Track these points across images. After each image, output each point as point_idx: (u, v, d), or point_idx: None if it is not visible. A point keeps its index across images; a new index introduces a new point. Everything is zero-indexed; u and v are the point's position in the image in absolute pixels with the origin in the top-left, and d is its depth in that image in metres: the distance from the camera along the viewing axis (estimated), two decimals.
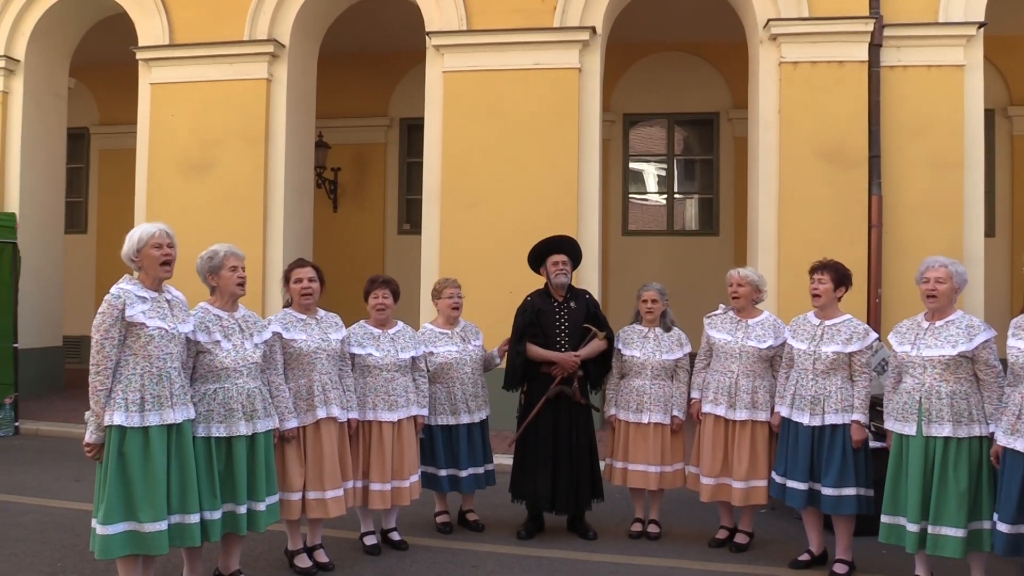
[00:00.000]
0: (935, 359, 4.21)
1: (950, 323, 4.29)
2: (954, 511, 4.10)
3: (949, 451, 4.16)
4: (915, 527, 4.19)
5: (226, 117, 9.41)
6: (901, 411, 4.31)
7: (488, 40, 8.95)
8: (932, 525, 4.16)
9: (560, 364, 5.37)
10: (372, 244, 12.76)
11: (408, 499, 5.10)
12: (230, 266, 4.24)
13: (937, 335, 4.28)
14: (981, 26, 8.33)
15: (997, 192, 11.31)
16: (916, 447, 4.22)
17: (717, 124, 12.27)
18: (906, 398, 4.30)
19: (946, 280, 4.29)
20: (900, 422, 4.31)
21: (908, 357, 4.32)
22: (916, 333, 4.37)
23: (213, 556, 4.51)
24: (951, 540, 4.11)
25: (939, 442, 4.17)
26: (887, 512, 4.35)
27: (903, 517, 4.27)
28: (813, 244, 7.70)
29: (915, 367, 4.29)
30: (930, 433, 4.18)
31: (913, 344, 4.33)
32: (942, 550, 4.14)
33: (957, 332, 4.24)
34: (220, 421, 4.09)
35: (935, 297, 4.30)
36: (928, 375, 4.23)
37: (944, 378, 4.20)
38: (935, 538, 4.15)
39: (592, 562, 4.99)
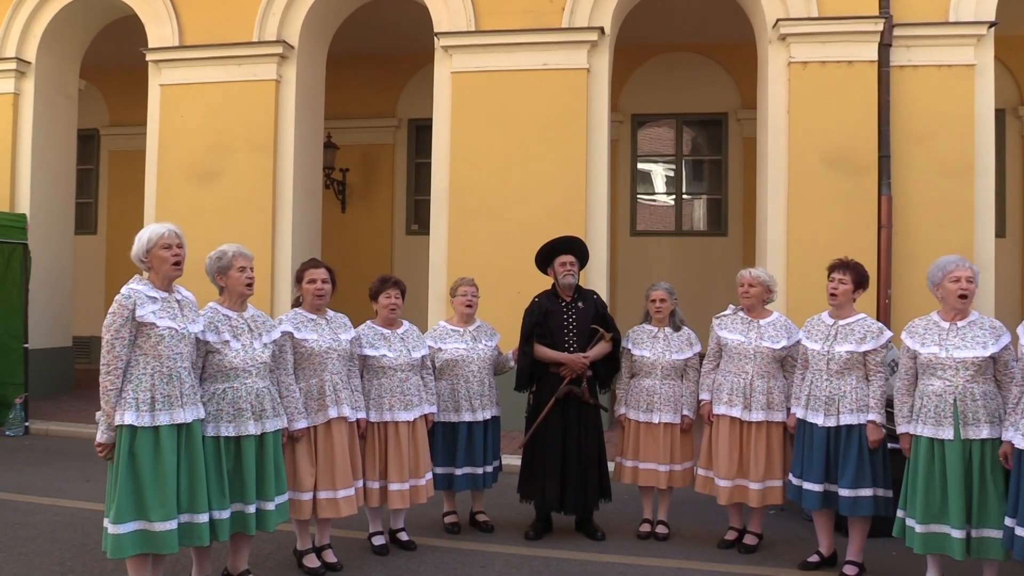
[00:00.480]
0: (968, 361, 4.15)
1: (973, 324, 4.24)
2: (996, 512, 4.05)
3: (986, 453, 4.11)
4: (960, 533, 4.10)
5: (235, 118, 9.44)
6: (934, 415, 4.20)
7: (496, 41, 8.95)
8: (976, 529, 4.10)
9: (569, 365, 5.37)
10: (380, 245, 12.79)
11: (425, 497, 5.13)
12: (238, 266, 4.25)
13: (963, 336, 4.22)
14: (992, 25, 8.29)
15: (1008, 193, 11.25)
16: (953, 451, 4.13)
17: (726, 124, 12.24)
18: (937, 401, 4.20)
19: (975, 279, 4.25)
20: (934, 427, 4.19)
21: (937, 359, 4.23)
22: (938, 334, 4.30)
23: (222, 556, 4.52)
24: (996, 542, 4.06)
25: (976, 445, 4.11)
26: (923, 522, 4.22)
27: (945, 525, 4.16)
28: (822, 245, 7.68)
29: (946, 369, 4.20)
30: (967, 436, 4.12)
31: (940, 345, 4.25)
32: (987, 552, 4.09)
33: (983, 333, 4.19)
34: (229, 421, 4.10)
35: (967, 297, 4.24)
36: (961, 377, 4.16)
37: (976, 379, 4.15)
38: (979, 541, 4.09)
39: (601, 563, 4.98)
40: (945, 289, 4.28)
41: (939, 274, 4.32)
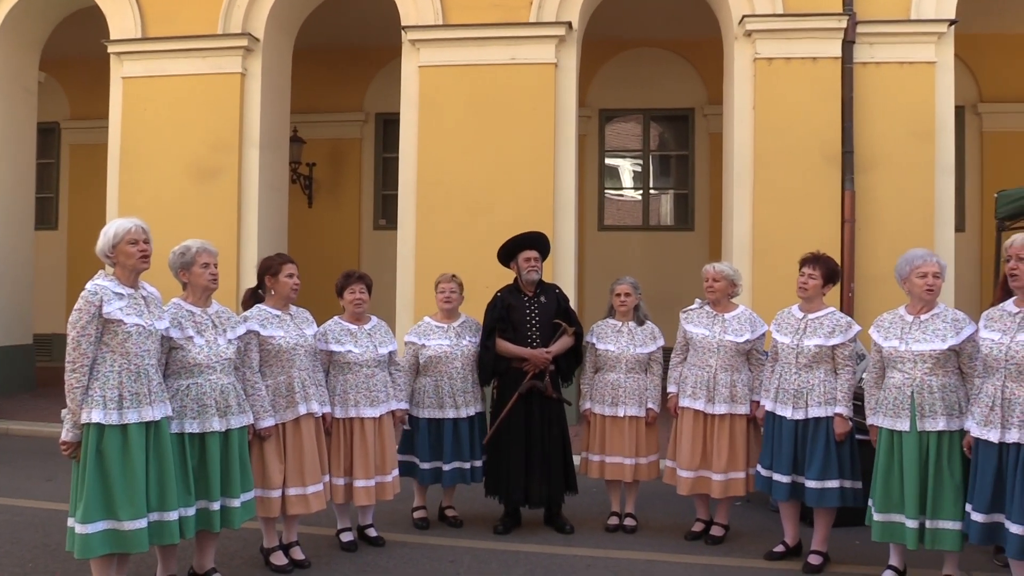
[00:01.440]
0: (926, 353, 4.22)
1: (935, 316, 4.31)
2: (951, 504, 4.12)
3: (943, 445, 4.17)
4: (914, 523, 4.18)
5: (199, 112, 9.31)
6: (892, 407, 4.29)
7: (464, 35, 8.93)
8: (930, 520, 4.17)
9: (532, 360, 5.39)
10: (347, 240, 12.71)
11: (391, 494, 5.12)
12: (202, 262, 4.20)
13: (924, 329, 4.29)
14: (952, 23, 8.43)
15: (967, 188, 11.46)
16: (910, 442, 4.21)
17: (692, 120, 12.32)
18: (896, 393, 4.28)
19: (940, 274, 4.31)
20: (892, 418, 4.29)
21: (897, 352, 4.30)
22: (901, 327, 4.37)
23: (187, 554, 4.48)
24: (949, 533, 4.13)
25: (933, 436, 4.18)
26: (881, 510, 4.32)
27: (900, 514, 4.25)
28: (787, 239, 7.78)
29: (905, 362, 4.28)
30: (924, 428, 4.19)
31: (900, 339, 4.33)
32: (941, 544, 4.16)
33: (944, 326, 4.26)
34: (193, 417, 4.06)
35: (934, 292, 4.30)
36: (919, 369, 4.23)
37: (935, 372, 4.21)
38: (933, 532, 4.16)
39: (569, 556, 5.01)
40: (912, 283, 4.35)
41: (906, 268, 4.38)
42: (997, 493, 3.84)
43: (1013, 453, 3.78)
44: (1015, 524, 3.73)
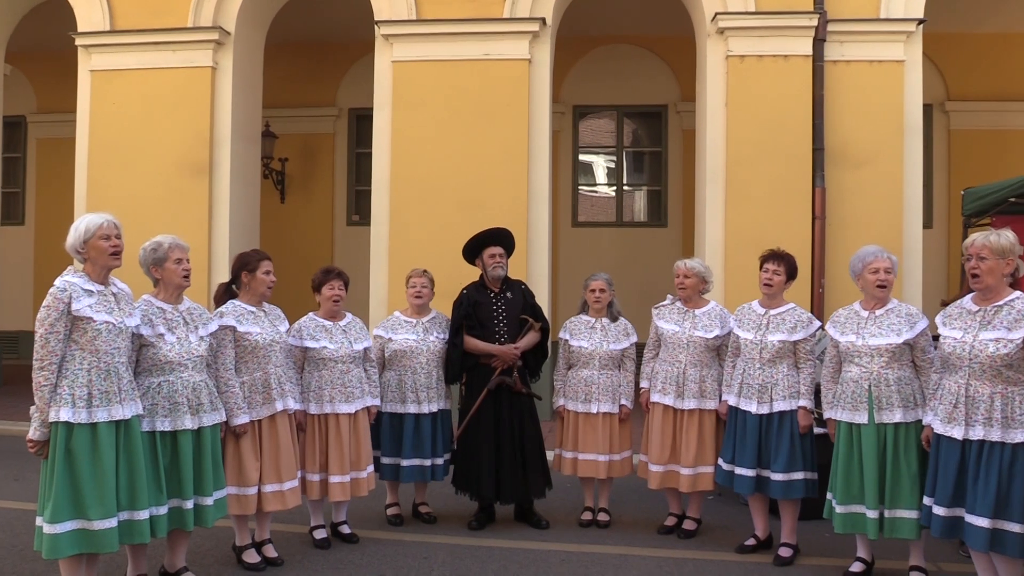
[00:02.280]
0: (882, 348, 4.32)
1: (890, 311, 4.42)
2: (908, 493, 4.23)
3: (899, 436, 4.28)
4: (874, 513, 4.29)
5: (169, 106, 9.20)
6: (850, 401, 4.39)
7: (437, 30, 8.90)
8: (889, 509, 4.28)
9: (500, 356, 5.40)
10: (320, 235, 12.63)
11: (366, 489, 5.12)
12: (175, 258, 4.16)
13: (879, 324, 4.39)
14: (920, 23, 8.55)
15: (935, 185, 11.62)
16: (868, 435, 4.31)
17: (665, 117, 12.38)
18: (854, 387, 4.38)
19: (892, 270, 4.42)
20: (850, 412, 4.38)
21: (854, 347, 4.40)
22: (857, 323, 4.48)
23: (158, 553, 4.44)
24: (907, 522, 4.24)
25: (890, 428, 4.29)
26: (842, 502, 4.41)
27: (861, 505, 4.34)
28: (759, 235, 7.83)
29: (862, 356, 4.38)
30: (881, 420, 4.29)
31: (857, 334, 4.43)
32: (899, 532, 4.27)
33: (899, 320, 4.37)
34: (165, 415, 4.02)
35: (886, 287, 4.41)
36: (875, 363, 4.34)
37: (890, 365, 4.32)
38: (892, 521, 4.27)
39: (543, 551, 5.02)
40: (865, 280, 4.47)
41: (859, 265, 4.50)
42: (959, 488, 3.92)
43: (976, 449, 3.85)
44: (978, 517, 3.81)
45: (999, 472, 3.77)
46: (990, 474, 3.79)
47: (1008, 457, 3.76)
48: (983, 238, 3.92)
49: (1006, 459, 3.76)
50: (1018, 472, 3.75)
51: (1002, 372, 3.79)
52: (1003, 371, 3.79)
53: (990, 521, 3.77)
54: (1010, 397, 3.79)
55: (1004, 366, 3.78)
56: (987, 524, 3.78)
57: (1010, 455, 3.76)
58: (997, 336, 3.80)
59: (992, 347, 3.80)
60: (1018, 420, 3.76)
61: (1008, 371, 3.79)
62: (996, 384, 3.81)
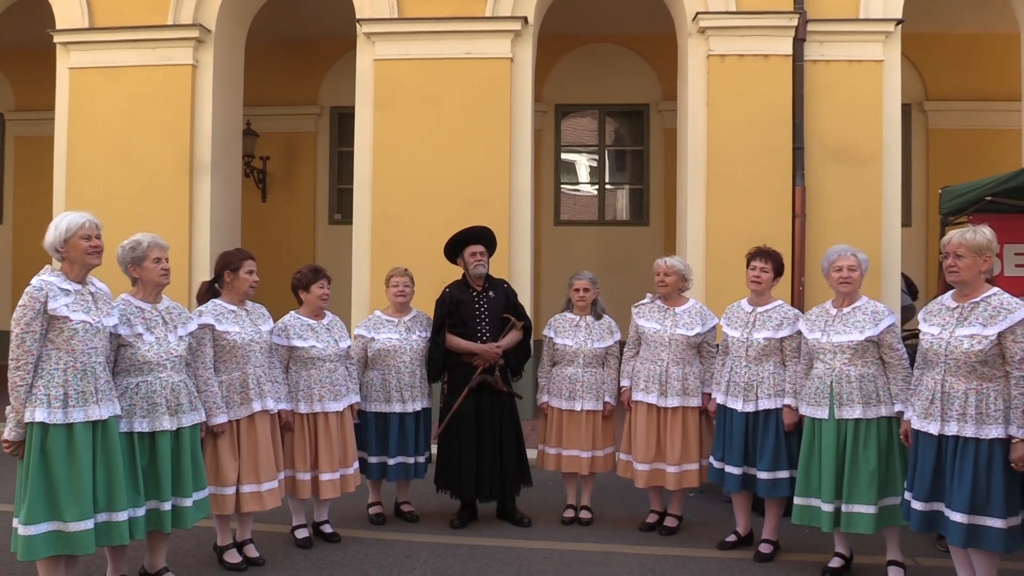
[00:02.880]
0: (844, 344, 4.39)
1: (857, 309, 4.48)
2: (865, 489, 4.29)
3: (859, 432, 4.35)
4: (829, 507, 4.36)
5: (149, 104, 9.13)
6: (813, 396, 4.47)
7: (419, 28, 8.88)
8: (845, 504, 4.34)
9: (482, 355, 5.41)
10: (302, 234, 12.58)
11: (353, 485, 5.14)
12: (154, 257, 4.13)
13: (845, 321, 4.46)
14: (899, 23, 8.61)
15: (913, 184, 11.72)
16: (828, 430, 4.39)
17: (647, 115, 12.41)
18: (817, 383, 4.47)
19: (857, 268, 4.49)
20: (813, 406, 4.47)
21: (819, 344, 4.48)
22: (825, 320, 4.55)
23: (138, 554, 4.41)
24: (863, 517, 4.30)
25: (850, 424, 4.35)
26: (800, 494, 4.50)
27: (817, 498, 4.42)
28: (740, 234, 7.87)
29: (825, 353, 4.45)
30: (841, 416, 4.36)
31: (823, 331, 4.50)
32: (855, 527, 4.32)
33: (864, 318, 4.43)
34: (143, 416, 4.00)
35: (850, 284, 4.48)
36: (838, 360, 4.40)
37: (853, 362, 4.38)
38: (848, 516, 4.33)
39: (525, 549, 5.04)
40: (830, 278, 4.56)
41: (825, 264, 4.60)
42: (936, 482, 3.97)
43: (952, 444, 3.90)
44: (955, 512, 3.85)
45: (975, 467, 3.81)
46: (965, 469, 3.83)
47: (985, 453, 3.80)
48: (960, 236, 3.96)
49: (982, 455, 3.81)
50: (995, 467, 3.79)
51: (977, 368, 3.84)
52: (978, 367, 3.83)
53: (967, 516, 3.81)
54: (984, 393, 3.83)
55: (979, 362, 3.82)
56: (964, 520, 3.82)
57: (986, 451, 3.80)
58: (972, 332, 3.85)
59: (967, 343, 3.84)
60: (992, 416, 3.80)
61: (983, 367, 3.83)
62: (971, 380, 3.86)
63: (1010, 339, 3.78)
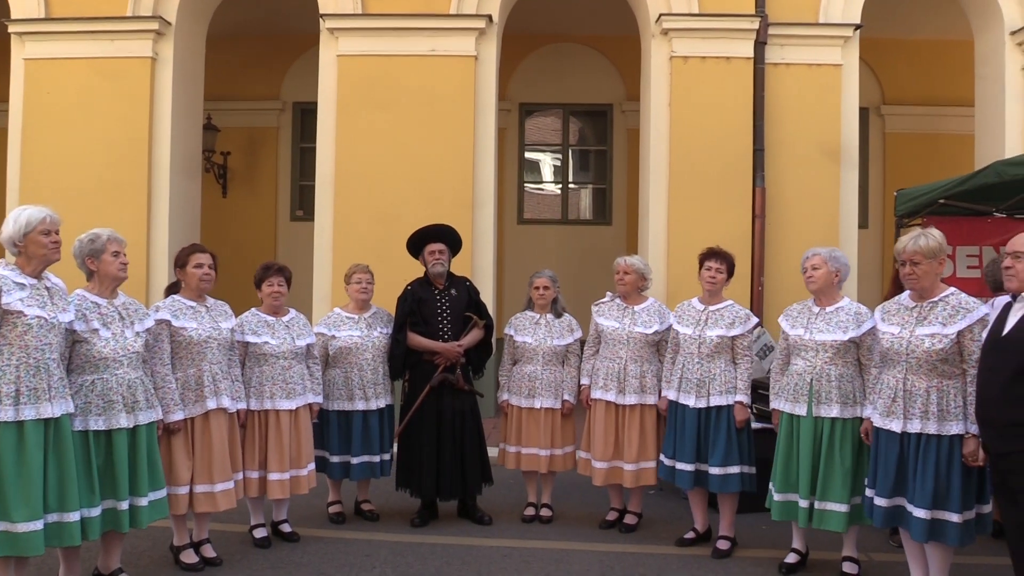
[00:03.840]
0: (827, 343, 4.43)
1: (840, 309, 4.52)
2: (839, 487, 4.35)
3: (836, 431, 4.39)
4: (806, 503, 4.42)
5: (107, 96, 8.97)
6: (792, 392, 4.50)
7: (383, 25, 8.84)
8: (819, 501, 4.39)
9: (443, 354, 5.40)
10: (263, 230, 12.44)
11: (307, 487, 5.07)
12: (112, 250, 4.07)
13: (828, 320, 4.50)
14: (857, 28, 8.77)
15: (870, 186, 11.93)
16: (806, 427, 4.43)
17: (611, 115, 12.47)
18: (797, 380, 4.50)
19: (821, 266, 4.54)
20: (791, 403, 4.51)
21: (801, 340, 4.52)
22: (808, 317, 4.58)
23: (92, 555, 4.34)
24: (836, 515, 4.35)
25: (827, 422, 4.40)
26: (780, 490, 4.53)
27: (795, 494, 4.47)
28: (701, 233, 7.91)
29: (807, 350, 4.49)
30: (819, 414, 4.41)
31: (806, 328, 4.54)
32: (827, 524, 4.37)
33: (847, 318, 4.47)
34: (98, 414, 3.93)
35: (814, 281, 4.54)
36: (819, 358, 4.44)
37: (834, 362, 4.43)
38: (821, 513, 4.38)
39: (486, 547, 5.04)
40: (803, 278, 4.61)
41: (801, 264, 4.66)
42: (899, 479, 4.05)
43: (914, 441, 3.98)
44: (917, 508, 3.94)
45: (936, 464, 3.90)
46: (928, 466, 3.92)
47: (946, 449, 3.90)
48: (913, 243, 4.01)
49: (943, 451, 3.90)
50: (955, 463, 3.88)
51: (937, 366, 3.92)
52: (938, 365, 3.92)
53: (929, 512, 3.90)
54: (945, 391, 3.92)
55: (939, 360, 3.91)
56: (926, 515, 3.91)
57: (947, 447, 3.90)
58: (932, 331, 3.93)
59: (928, 342, 3.92)
60: (953, 413, 3.89)
61: (943, 365, 3.92)
62: (932, 378, 3.94)
63: (968, 337, 3.87)
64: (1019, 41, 8.83)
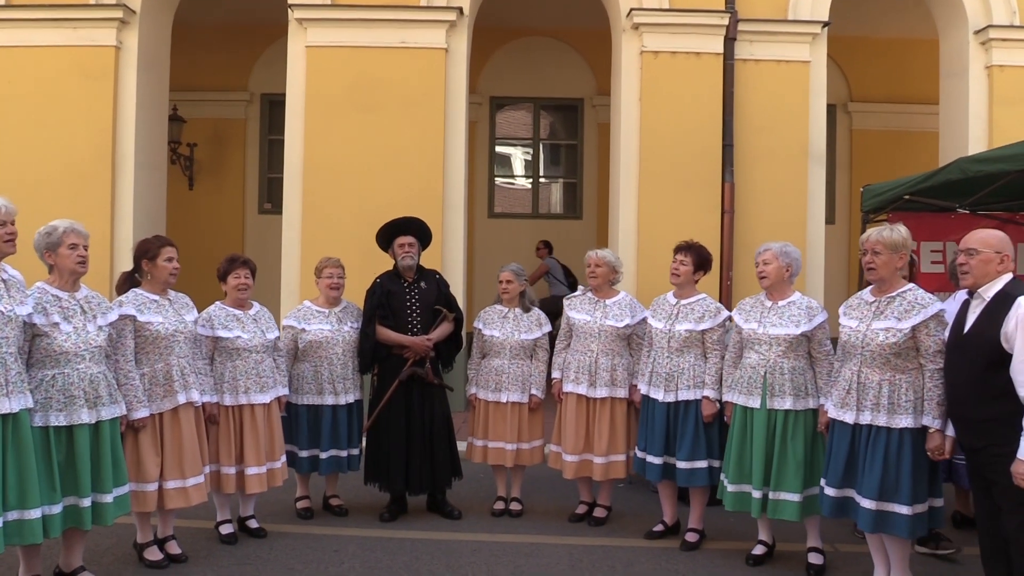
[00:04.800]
0: (780, 337, 4.50)
1: (791, 304, 4.59)
2: (792, 478, 4.42)
3: (789, 423, 4.47)
4: (759, 493, 4.49)
5: (70, 85, 8.79)
6: (746, 385, 4.57)
7: (353, 16, 8.75)
8: (773, 491, 4.47)
9: (412, 347, 5.38)
10: (231, 223, 12.29)
11: (280, 479, 5.05)
12: (69, 243, 3.98)
13: (781, 314, 4.57)
14: (825, 25, 8.84)
15: (837, 182, 12.07)
16: (760, 419, 4.50)
17: (582, 110, 12.49)
18: (751, 373, 4.57)
19: (771, 261, 4.60)
20: (745, 395, 4.57)
21: (755, 334, 4.58)
22: (761, 311, 4.65)
23: (54, 553, 4.26)
24: (789, 504, 4.43)
25: (780, 414, 4.47)
26: (733, 481, 4.61)
27: (748, 484, 4.54)
28: (671, 228, 7.99)
29: (761, 344, 4.55)
30: (773, 406, 4.48)
31: (759, 322, 4.60)
32: (782, 513, 4.45)
33: (799, 312, 4.54)
34: (59, 409, 3.85)
35: (765, 277, 4.61)
36: (773, 352, 4.51)
37: (787, 355, 4.49)
38: (775, 503, 4.46)
39: (455, 541, 5.03)
40: (756, 272, 4.67)
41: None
42: (849, 470, 4.13)
43: (865, 433, 4.06)
44: (865, 499, 4.01)
45: (885, 455, 3.97)
46: (876, 457, 3.99)
47: (896, 441, 3.96)
48: (877, 233, 4.10)
49: (893, 443, 3.97)
50: (905, 456, 3.95)
51: (891, 360, 3.99)
52: (892, 359, 3.98)
53: (876, 503, 3.97)
54: (897, 384, 3.98)
55: (893, 354, 3.97)
56: (873, 506, 3.98)
57: (897, 440, 3.96)
58: (888, 326, 3.99)
59: (882, 336, 3.98)
60: (903, 406, 3.96)
61: (896, 359, 3.98)
62: (885, 372, 4.00)
63: (923, 333, 3.94)
64: (983, 40, 8.98)
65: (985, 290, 3.71)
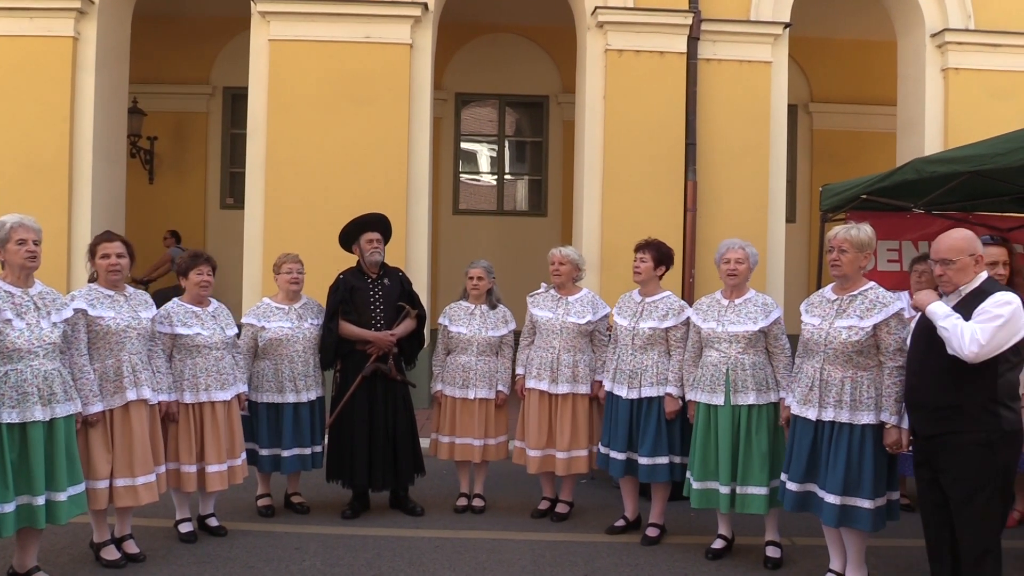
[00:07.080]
0: (740, 334, 4.56)
1: (748, 301, 4.67)
2: (758, 471, 4.49)
3: (752, 417, 4.54)
4: (727, 489, 4.54)
5: (26, 77, 8.61)
6: (709, 383, 4.62)
7: (317, 9, 8.69)
8: (740, 486, 4.53)
9: (376, 343, 5.36)
10: (192, 218, 12.13)
11: (241, 477, 5.01)
12: (17, 239, 3.90)
13: (738, 312, 4.63)
14: (787, 26, 8.97)
15: (798, 181, 12.23)
16: (724, 415, 4.55)
17: (547, 107, 12.51)
18: (713, 371, 4.62)
19: (744, 260, 4.67)
20: (708, 393, 4.61)
21: (715, 333, 4.63)
22: (718, 310, 4.71)
23: (8, 553, 4.18)
24: (756, 498, 4.50)
25: (744, 409, 4.53)
26: (699, 479, 4.64)
27: (715, 481, 4.59)
28: (634, 225, 8.05)
29: (721, 342, 4.61)
30: (737, 402, 4.54)
31: (718, 321, 4.66)
32: (749, 508, 4.52)
33: (755, 309, 4.62)
34: (12, 406, 3.78)
35: (736, 275, 4.66)
36: (733, 349, 4.57)
37: (747, 351, 4.56)
38: (743, 497, 4.53)
39: (417, 538, 5.03)
40: (720, 270, 4.75)
41: (717, 256, 4.80)
42: (811, 465, 4.19)
43: (827, 429, 4.12)
44: (828, 494, 4.08)
45: (848, 451, 4.04)
46: (839, 453, 4.05)
47: (858, 437, 4.03)
48: (844, 232, 4.15)
49: (855, 439, 4.03)
50: (867, 452, 4.02)
51: (853, 358, 4.05)
52: (854, 357, 4.05)
53: (839, 498, 4.04)
54: (859, 381, 4.05)
55: (855, 352, 4.04)
56: (837, 501, 4.04)
57: (859, 435, 4.03)
58: (850, 324, 4.06)
59: (845, 334, 4.05)
60: (864, 403, 4.03)
61: (858, 357, 4.05)
62: (847, 369, 4.07)
63: (884, 331, 4.01)
64: (939, 43, 9.16)
65: (963, 288, 3.75)
